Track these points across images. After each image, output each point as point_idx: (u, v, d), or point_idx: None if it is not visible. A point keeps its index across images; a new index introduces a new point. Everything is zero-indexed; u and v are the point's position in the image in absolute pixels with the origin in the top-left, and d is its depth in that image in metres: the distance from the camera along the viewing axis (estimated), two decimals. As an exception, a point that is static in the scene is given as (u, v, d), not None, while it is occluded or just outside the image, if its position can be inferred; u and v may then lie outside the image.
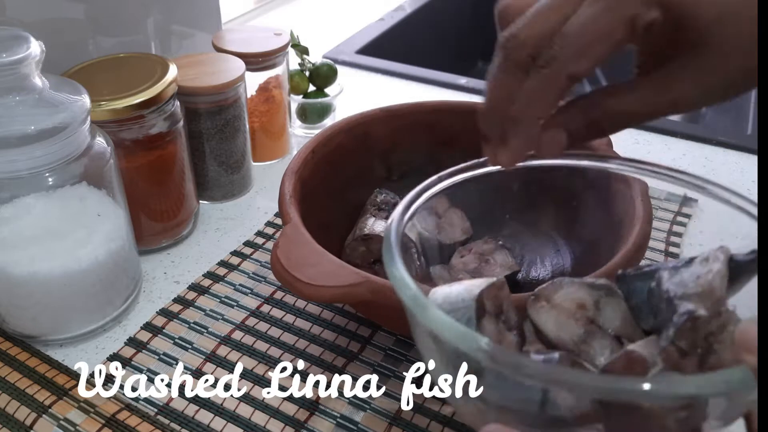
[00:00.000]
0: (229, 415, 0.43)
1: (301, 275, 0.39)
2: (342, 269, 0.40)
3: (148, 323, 0.50)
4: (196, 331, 0.49)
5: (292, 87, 0.73)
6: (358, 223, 0.52)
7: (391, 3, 1.17)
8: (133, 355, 0.47)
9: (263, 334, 0.49)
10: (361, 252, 0.50)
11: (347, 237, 0.52)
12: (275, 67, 0.67)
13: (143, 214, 0.55)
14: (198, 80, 0.58)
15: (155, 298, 0.52)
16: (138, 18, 0.64)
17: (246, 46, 0.65)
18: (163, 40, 0.68)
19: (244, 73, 0.61)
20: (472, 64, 1.43)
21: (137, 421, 0.41)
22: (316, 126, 0.76)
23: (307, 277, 0.39)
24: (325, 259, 0.41)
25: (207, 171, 0.62)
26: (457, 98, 0.82)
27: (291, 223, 0.43)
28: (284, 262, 0.40)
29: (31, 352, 0.47)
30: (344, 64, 0.93)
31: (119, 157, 0.52)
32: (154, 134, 0.53)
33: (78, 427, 0.41)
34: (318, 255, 0.41)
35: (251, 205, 0.64)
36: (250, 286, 0.53)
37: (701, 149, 0.74)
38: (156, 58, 0.55)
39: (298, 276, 0.39)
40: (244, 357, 0.47)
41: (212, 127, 0.60)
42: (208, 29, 0.73)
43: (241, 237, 0.59)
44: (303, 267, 0.40)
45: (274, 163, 0.71)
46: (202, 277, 0.54)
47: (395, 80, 0.90)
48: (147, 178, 0.54)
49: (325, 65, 0.75)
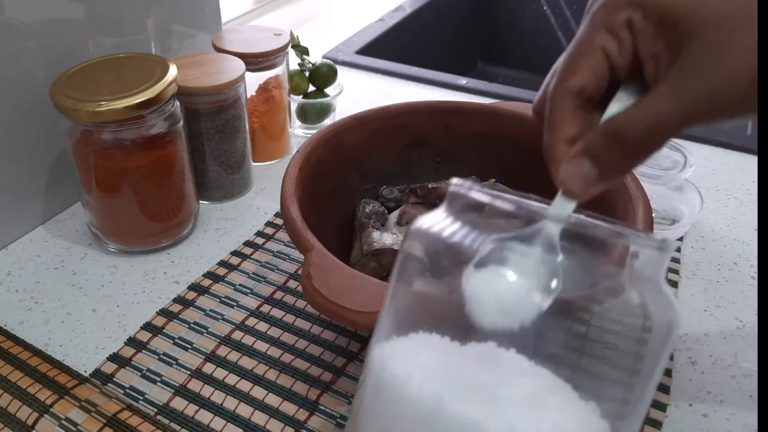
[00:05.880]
0: (229, 415, 0.43)
1: (350, 304, 0.36)
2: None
3: (147, 323, 0.50)
4: (196, 331, 0.49)
5: (292, 87, 0.73)
6: (361, 237, 0.52)
7: (391, 3, 1.17)
8: (133, 355, 0.47)
9: (263, 334, 0.49)
10: (372, 267, 0.49)
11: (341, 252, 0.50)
12: (275, 67, 0.67)
13: (143, 214, 0.55)
14: (198, 80, 0.58)
15: (155, 298, 0.52)
16: (138, 18, 0.64)
17: (246, 46, 0.65)
18: (163, 40, 0.68)
19: (244, 74, 0.61)
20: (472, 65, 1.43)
21: (138, 421, 0.42)
22: (316, 126, 0.76)
23: (358, 304, 0.36)
24: (368, 283, 0.38)
25: (207, 171, 0.62)
26: (457, 98, 0.82)
27: (315, 249, 0.40)
28: (325, 293, 0.37)
29: (32, 351, 0.47)
30: (344, 64, 0.93)
31: (119, 157, 0.52)
32: (154, 134, 0.53)
33: (79, 426, 0.41)
34: (360, 279, 0.38)
35: (251, 205, 0.64)
36: (250, 286, 0.53)
37: (701, 149, 0.74)
38: (156, 58, 0.55)
39: (347, 305, 0.36)
40: (244, 357, 0.47)
41: (212, 127, 0.60)
42: (208, 29, 0.73)
43: (241, 237, 0.59)
44: (348, 294, 0.37)
45: (274, 164, 0.71)
46: (202, 277, 0.54)
47: (395, 80, 0.90)
48: (147, 178, 0.54)
49: (324, 65, 0.75)
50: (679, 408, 0.44)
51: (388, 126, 0.56)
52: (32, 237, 0.59)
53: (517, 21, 1.37)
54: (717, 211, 0.64)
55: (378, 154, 0.56)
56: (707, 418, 0.43)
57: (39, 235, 0.59)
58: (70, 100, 0.49)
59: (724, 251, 0.58)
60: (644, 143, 0.30)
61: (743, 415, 0.43)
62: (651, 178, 0.57)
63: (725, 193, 0.66)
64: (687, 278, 0.55)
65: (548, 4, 1.32)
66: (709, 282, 0.55)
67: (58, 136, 0.57)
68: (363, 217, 0.53)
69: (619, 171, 0.31)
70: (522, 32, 1.37)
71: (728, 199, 0.65)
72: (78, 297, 0.52)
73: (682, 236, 0.60)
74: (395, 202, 0.56)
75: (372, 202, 0.55)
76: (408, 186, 0.56)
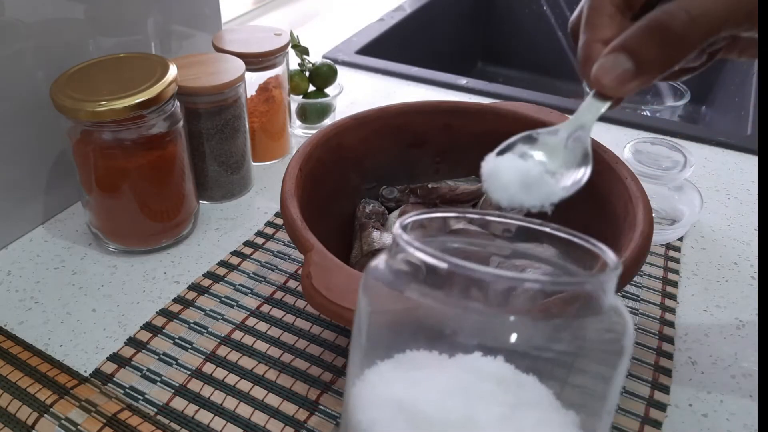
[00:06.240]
0: (229, 415, 0.43)
1: (350, 304, 0.36)
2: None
3: (147, 323, 0.50)
4: (196, 331, 0.49)
5: (292, 87, 0.73)
6: (361, 237, 0.52)
7: (391, 3, 1.17)
8: (133, 355, 0.47)
9: (263, 334, 0.49)
10: None
11: (341, 252, 0.50)
12: (275, 67, 0.67)
13: (143, 214, 0.55)
14: (198, 80, 0.58)
15: (155, 298, 0.52)
16: (138, 18, 0.64)
17: (246, 46, 0.65)
18: (163, 40, 0.68)
19: (244, 73, 0.61)
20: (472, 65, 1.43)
21: (138, 421, 0.42)
22: (316, 126, 0.76)
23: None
24: None
25: (207, 171, 0.62)
26: (457, 98, 0.82)
27: (315, 249, 0.40)
28: (326, 294, 0.37)
29: (32, 351, 0.47)
30: (344, 64, 0.93)
31: (119, 157, 0.52)
32: (154, 134, 0.53)
33: (79, 426, 0.41)
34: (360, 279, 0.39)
35: (251, 205, 0.64)
36: (250, 286, 0.53)
37: (701, 149, 0.74)
38: (156, 58, 0.55)
39: (347, 305, 0.36)
40: (244, 357, 0.47)
41: (212, 127, 0.60)
42: (208, 29, 0.73)
43: (241, 237, 0.59)
44: (348, 294, 0.36)
45: (274, 163, 0.71)
46: (202, 277, 0.54)
47: (395, 80, 0.90)
48: (147, 178, 0.54)
49: (324, 65, 0.75)
50: (679, 408, 0.44)
51: (388, 126, 0.56)
52: (32, 237, 0.59)
53: (517, 21, 1.37)
54: (717, 211, 0.64)
55: (378, 154, 0.56)
56: (707, 418, 0.43)
57: (39, 235, 0.59)
58: (70, 100, 0.49)
59: (724, 251, 0.58)
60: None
61: (743, 415, 0.43)
62: (651, 178, 0.57)
63: (725, 193, 0.66)
64: (687, 278, 0.55)
65: (548, 4, 1.32)
66: (709, 282, 0.55)
67: (58, 136, 0.57)
68: (363, 217, 0.53)
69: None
70: (522, 32, 1.37)
71: (728, 199, 0.65)
72: (78, 297, 0.52)
73: (682, 236, 0.60)
74: (395, 202, 0.56)
75: (372, 202, 0.55)
76: (408, 186, 0.56)
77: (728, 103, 1.04)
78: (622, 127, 0.78)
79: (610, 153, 0.49)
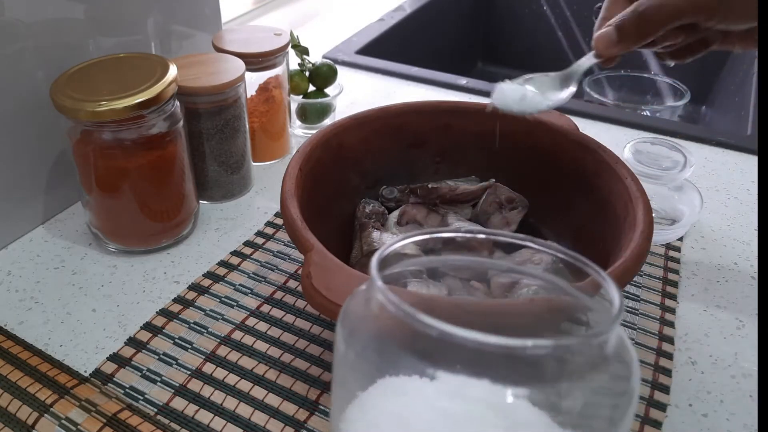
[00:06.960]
0: (229, 415, 0.43)
1: None
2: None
3: (147, 323, 0.50)
4: (196, 331, 0.49)
5: (292, 87, 0.73)
6: (361, 237, 0.52)
7: (391, 3, 1.17)
8: (133, 355, 0.47)
9: (263, 334, 0.49)
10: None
11: (341, 252, 0.50)
12: (275, 67, 0.67)
13: (143, 214, 0.55)
14: (198, 80, 0.58)
15: (155, 298, 0.52)
16: (138, 18, 0.64)
17: (246, 46, 0.65)
18: (163, 40, 0.68)
19: (244, 73, 0.61)
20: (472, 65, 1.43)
21: (138, 421, 0.42)
22: (316, 126, 0.76)
23: None
24: None
25: (207, 171, 0.62)
26: (457, 98, 0.82)
27: (315, 249, 0.40)
28: (325, 293, 0.37)
29: (32, 351, 0.47)
30: (344, 64, 0.93)
31: (119, 157, 0.52)
32: (154, 134, 0.53)
33: (79, 426, 0.41)
34: (360, 279, 0.37)
35: (251, 205, 0.64)
36: (250, 286, 0.53)
37: (701, 149, 0.74)
38: (156, 58, 0.55)
39: None
40: (244, 357, 0.47)
41: (212, 127, 0.60)
42: (208, 29, 0.73)
43: (241, 237, 0.59)
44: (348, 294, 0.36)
45: (274, 163, 0.71)
46: (202, 277, 0.54)
47: (395, 80, 0.90)
48: (147, 178, 0.54)
49: (324, 65, 0.75)
50: (679, 408, 0.44)
51: (388, 126, 0.56)
52: (32, 237, 0.59)
53: (517, 21, 1.37)
54: (717, 211, 0.64)
55: (378, 154, 0.56)
56: (707, 418, 0.43)
57: (39, 235, 0.59)
58: (70, 100, 0.49)
59: (724, 251, 0.58)
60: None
61: (743, 415, 0.43)
62: (651, 178, 0.57)
63: (725, 193, 0.66)
64: (687, 278, 0.55)
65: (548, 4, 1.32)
66: (709, 282, 0.55)
67: (58, 136, 0.57)
68: (363, 217, 0.53)
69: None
70: (522, 32, 1.37)
71: (728, 199, 0.65)
72: (78, 297, 0.52)
73: (682, 236, 0.60)
74: (395, 202, 0.56)
75: (372, 202, 0.55)
76: (408, 186, 0.56)
77: (728, 103, 1.04)
78: (622, 127, 0.78)
79: (610, 153, 0.49)
